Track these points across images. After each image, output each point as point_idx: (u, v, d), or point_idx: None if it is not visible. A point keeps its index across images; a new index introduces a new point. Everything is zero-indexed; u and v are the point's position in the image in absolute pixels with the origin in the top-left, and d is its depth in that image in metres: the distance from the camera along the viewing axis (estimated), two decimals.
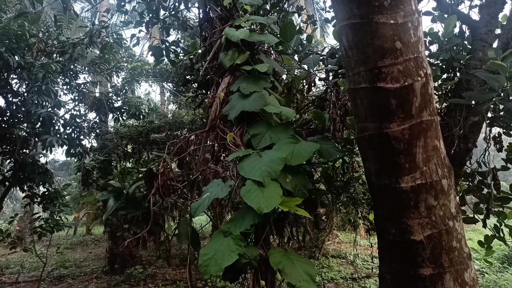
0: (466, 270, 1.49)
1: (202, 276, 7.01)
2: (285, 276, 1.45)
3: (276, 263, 1.50)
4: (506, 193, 4.90)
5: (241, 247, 1.47)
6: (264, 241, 1.57)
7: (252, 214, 1.56)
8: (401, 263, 1.52)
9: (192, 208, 1.79)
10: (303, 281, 1.47)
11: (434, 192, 1.46)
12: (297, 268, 1.51)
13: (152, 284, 9.41)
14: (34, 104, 6.91)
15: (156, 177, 2.49)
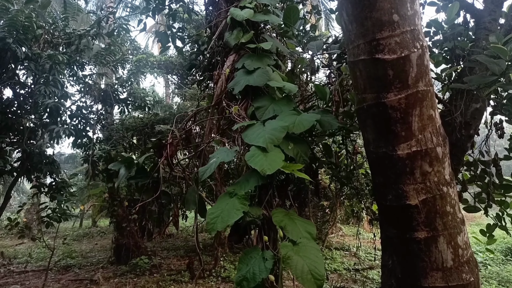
0: (459, 234, 1.55)
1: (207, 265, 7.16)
2: (287, 233, 1.53)
3: (278, 221, 1.57)
4: (508, 180, 4.94)
5: (245, 206, 1.54)
6: (267, 203, 1.65)
7: (256, 176, 1.64)
8: (397, 228, 1.58)
9: (200, 171, 1.87)
10: (304, 238, 1.54)
11: (429, 159, 1.52)
12: (298, 227, 1.58)
13: (158, 274, 9.55)
14: (41, 95, 7.01)
15: (165, 147, 2.58)
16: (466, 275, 1.53)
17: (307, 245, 1.53)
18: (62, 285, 8.68)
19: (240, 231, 1.69)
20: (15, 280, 9.21)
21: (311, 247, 1.53)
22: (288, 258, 1.46)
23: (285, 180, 1.83)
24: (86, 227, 18.17)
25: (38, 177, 8.14)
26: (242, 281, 1.46)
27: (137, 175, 2.92)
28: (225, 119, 2.51)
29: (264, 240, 1.55)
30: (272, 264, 1.48)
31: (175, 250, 12.04)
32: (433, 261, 1.51)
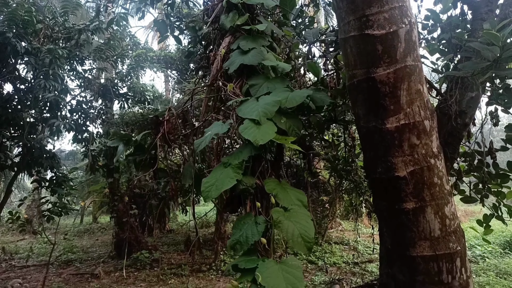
0: (446, 204, 1.59)
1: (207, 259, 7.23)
2: (279, 201, 1.58)
3: (270, 189, 1.62)
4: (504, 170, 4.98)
5: (239, 174, 1.59)
6: (260, 174, 1.69)
7: (249, 148, 1.69)
8: (387, 199, 1.63)
9: (195, 143, 1.91)
10: (295, 205, 1.59)
11: (417, 132, 1.56)
12: (290, 195, 1.63)
13: (158, 268, 9.60)
14: (41, 89, 7.05)
15: (162, 124, 2.63)
16: (453, 244, 1.57)
17: (298, 212, 1.57)
18: (63, 279, 8.74)
19: (235, 201, 1.74)
20: (16, 275, 9.28)
21: (302, 213, 1.57)
22: (280, 222, 1.51)
23: (278, 155, 1.88)
24: (86, 223, 18.24)
25: (38, 172, 8.19)
26: (235, 244, 1.51)
27: (135, 152, 2.98)
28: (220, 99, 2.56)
29: (257, 207, 1.60)
30: (264, 228, 1.53)
31: (175, 245, 12.10)
32: (421, 231, 1.56)
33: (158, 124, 2.69)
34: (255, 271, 1.45)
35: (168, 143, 2.71)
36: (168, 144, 2.73)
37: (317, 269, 9.30)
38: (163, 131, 2.60)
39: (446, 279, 1.56)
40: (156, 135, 2.70)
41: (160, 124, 2.68)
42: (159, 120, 2.74)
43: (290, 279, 1.43)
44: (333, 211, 12.41)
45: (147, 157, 2.80)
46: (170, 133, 2.64)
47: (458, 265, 1.58)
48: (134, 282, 8.49)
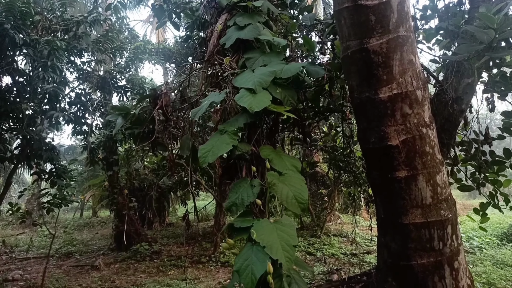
0: (438, 173, 1.62)
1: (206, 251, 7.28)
2: (274, 166, 1.61)
3: (266, 155, 1.66)
4: (500, 156, 5.02)
5: (235, 140, 1.62)
6: (256, 142, 1.72)
7: (245, 115, 1.72)
8: (380, 169, 1.66)
9: (192, 112, 1.94)
10: (289, 170, 1.62)
11: (409, 101, 1.59)
12: (284, 161, 1.66)
13: (158, 260, 9.66)
14: (40, 80, 7.05)
15: (159, 97, 2.67)
16: (444, 212, 1.60)
17: (292, 176, 1.61)
18: (64, 271, 8.80)
19: (231, 170, 1.77)
20: (17, 267, 9.34)
21: (296, 178, 1.61)
22: (274, 185, 1.55)
23: (274, 126, 1.91)
24: (86, 217, 18.31)
25: (38, 164, 8.21)
26: (232, 206, 1.55)
27: (134, 125, 3.02)
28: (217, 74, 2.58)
29: (252, 171, 1.63)
30: (259, 190, 1.57)
31: (175, 238, 12.17)
32: (413, 199, 1.59)
33: (156, 98, 2.72)
34: (250, 229, 1.48)
35: (166, 115, 2.74)
36: (165, 116, 2.76)
37: (315, 260, 9.36)
38: (161, 103, 2.64)
39: (437, 246, 1.60)
40: (154, 108, 2.74)
41: (158, 97, 2.71)
42: (157, 94, 2.77)
43: (284, 236, 1.46)
44: (332, 204, 12.46)
45: (145, 130, 2.83)
46: (168, 106, 2.68)
47: (449, 232, 1.61)
48: (134, 273, 8.55)
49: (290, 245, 1.45)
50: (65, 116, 7.72)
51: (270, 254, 1.40)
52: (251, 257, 1.43)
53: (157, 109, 2.66)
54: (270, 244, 1.42)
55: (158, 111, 2.67)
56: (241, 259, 1.46)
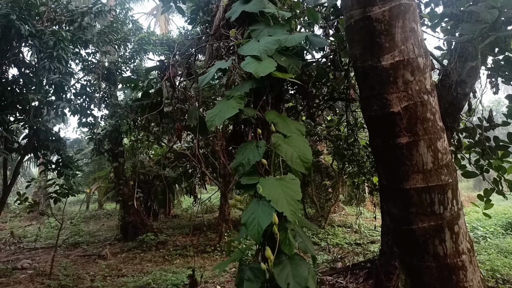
0: (439, 139, 1.66)
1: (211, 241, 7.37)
2: (279, 129, 1.65)
3: (271, 119, 1.70)
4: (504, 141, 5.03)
5: (241, 104, 1.66)
6: (261, 107, 1.76)
7: (251, 82, 1.76)
8: (382, 136, 1.69)
9: (200, 79, 1.98)
10: (294, 133, 1.67)
11: (411, 69, 1.62)
12: (289, 125, 1.71)
13: (164, 249, 9.78)
14: (46, 70, 7.12)
15: (167, 68, 2.72)
16: (445, 177, 1.64)
17: (297, 138, 1.65)
18: (71, 260, 8.93)
19: (237, 136, 1.82)
20: (25, 256, 9.48)
21: (300, 140, 1.65)
22: (279, 145, 1.59)
23: (279, 94, 1.94)
24: (92, 209, 18.50)
25: (45, 155, 8.30)
26: (238, 166, 1.60)
27: (142, 97, 3.08)
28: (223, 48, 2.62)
29: (258, 134, 1.67)
30: (264, 150, 1.61)
31: (180, 229, 12.28)
32: (414, 164, 1.63)
33: (164, 69, 2.77)
34: (257, 185, 1.53)
35: (173, 86, 2.80)
36: (173, 87, 2.81)
37: (320, 249, 9.42)
38: (168, 74, 2.69)
39: (438, 210, 1.63)
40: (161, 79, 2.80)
41: (165, 68, 2.76)
42: (164, 65, 2.82)
43: (288, 192, 1.51)
44: (336, 195, 12.51)
45: (153, 101, 2.89)
46: (175, 77, 2.73)
47: (449, 197, 1.65)
48: (141, 262, 8.66)
49: (295, 200, 1.49)
50: (71, 106, 7.79)
51: (275, 207, 1.45)
52: (257, 211, 1.48)
53: (164, 79, 2.71)
54: (275, 198, 1.47)
55: (165, 82, 2.73)
56: (247, 213, 1.51)
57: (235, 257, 1.64)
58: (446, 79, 4.45)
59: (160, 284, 6.31)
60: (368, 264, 6.81)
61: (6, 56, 7.64)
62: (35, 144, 8.10)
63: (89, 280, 6.94)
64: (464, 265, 1.66)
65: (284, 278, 1.42)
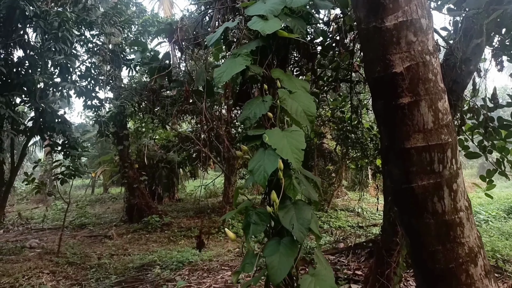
0: (440, 100, 1.69)
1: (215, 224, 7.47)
2: (284, 85, 1.70)
3: (276, 76, 1.75)
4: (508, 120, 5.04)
5: (248, 61, 1.71)
6: (267, 65, 1.80)
7: (257, 40, 1.81)
8: (384, 97, 1.73)
9: (207, 39, 2.02)
10: (298, 90, 1.72)
11: (414, 29, 1.65)
12: (294, 82, 1.76)
13: (169, 231, 9.93)
14: (51, 51, 7.16)
15: (175, 31, 2.76)
16: (445, 136, 1.68)
17: (302, 94, 1.70)
18: (78, 240, 9.10)
19: (244, 95, 1.87)
20: (33, 237, 9.67)
21: (305, 95, 1.70)
22: (285, 99, 1.64)
23: (285, 55, 1.98)
24: (98, 193, 18.73)
25: (51, 136, 8.39)
26: (245, 120, 1.65)
27: (151, 60, 3.13)
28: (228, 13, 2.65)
29: (264, 90, 1.73)
30: (270, 104, 1.67)
31: (184, 211, 12.44)
32: (415, 124, 1.67)
33: (172, 32, 2.82)
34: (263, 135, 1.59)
35: (181, 49, 2.85)
36: (180, 50, 2.86)
37: (322, 232, 9.53)
38: (176, 37, 2.74)
39: (437, 168, 1.68)
40: (170, 42, 2.85)
41: (173, 31, 2.81)
42: (172, 28, 2.86)
43: (293, 142, 1.57)
44: (339, 179, 12.58)
45: (161, 64, 2.95)
46: (183, 40, 2.78)
47: (449, 156, 1.69)
48: (146, 242, 8.82)
49: (299, 149, 1.55)
50: (76, 88, 7.85)
51: (281, 155, 1.51)
52: (263, 159, 1.55)
53: (172, 42, 2.76)
54: (280, 147, 1.53)
55: (173, 45, 2.77)
56: (254, 162, 1.57)
57: (243, 205, 1.70)
58: (451, 58, 4.45)
59: (166, 261, 6.45)
60: (370, 244, 6.90)
61: (11, 37, 7.68)
62: (41, 126, 8.19)
63: (96, 258, 7.10)
64: (462, 222, 1.72)
65: (289, 220, 1.49)
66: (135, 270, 6.12)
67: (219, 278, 5.50)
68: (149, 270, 6.03)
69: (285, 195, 1.58)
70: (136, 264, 6.46)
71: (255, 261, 1.51)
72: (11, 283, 5.44)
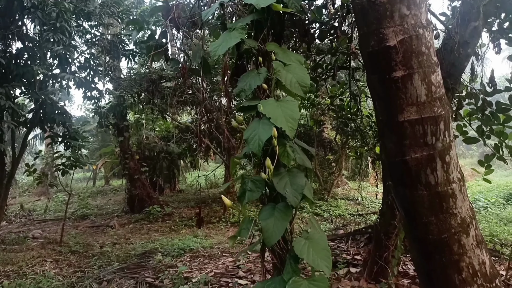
0: (433, 73, 1.72)
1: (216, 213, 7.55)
2: (279, 58, 1.73)
3: (271, 49, 1.77)
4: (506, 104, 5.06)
5: (243, 34, 1.74)
6: (262, 40, 1.83)
7: (252, 14, 1.83)
8: (378, 71, 1.76)
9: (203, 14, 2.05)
10: (293, 62, 1.74)
11: (407, 3, 1.67)
12: (289, 55, 1.79)
13: (170, 221, 10.02)
14: (50, 42, 7.16)
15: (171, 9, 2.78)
16: (438, 109, 1.71)
17: (296, 67, 1.73)
18: (80, 231, 9.19)
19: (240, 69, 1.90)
20: (36, 227, 9.76)
21: (299, 67, 1.73)
22: (279, 71, 1.68)
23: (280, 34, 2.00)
24: (99, 186, 18.82)
25: (51, 128, 8.42)
26: (240, 92, 1.69)
27: (148, 39, 3.17)
28: None
29: (259, 62, 1.75)
30: (265, 76, 1.70)
31: (185, 202, 12.51)
32: (408, 97, 1.70)
33: (168, 9, 2.84)
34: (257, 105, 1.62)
35: (177, 27, 2.87)
36: (177, 28, 2.88)
37: (322, 220, 9.61)
38: (172, 15, 2.76)
39: (430, 141, 1.71)
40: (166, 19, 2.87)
41: (170, 9, 2.83)
42: (169, 6, 2.88)
43: (287, 111, 1.60)
44: (339, 168, 12.63)
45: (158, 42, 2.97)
46: (180, 18, 2.80)
47: (441, 128, 1.73)
48: (148, 232, 8.90)
49: (293, 118, 1.59)
50: (75, 79, 7.86)
51: (275, 123, 1.55)
52: (258, 128, 1.59)
53: (168, 19, 2.78)
54: (275, 116, 1.56)
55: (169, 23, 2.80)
56: (249, 131, 1.61)
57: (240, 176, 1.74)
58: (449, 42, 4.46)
59: (167, 249, 6.52)
60: (369, 230, 6.96)
61: (9, 29, 7.66)
62: (41, 117, 8.21)
63: (98, 246, 7.18)
64: (454, 193, 1.75)
65: (283, 186, 1.54)
66: (137, 257, 6.20)
67: (220, 264, 5.57)
68: (151, 257, 6.11)
69: (279, 163, 1.62)
70: (138, 251, 6.54)
71: (250, 226, 1.56)
72: (15, 270, 5.52)
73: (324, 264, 1.42)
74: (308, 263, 1.41)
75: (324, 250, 1.46)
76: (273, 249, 1.57)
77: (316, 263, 1.41)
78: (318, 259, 1.42)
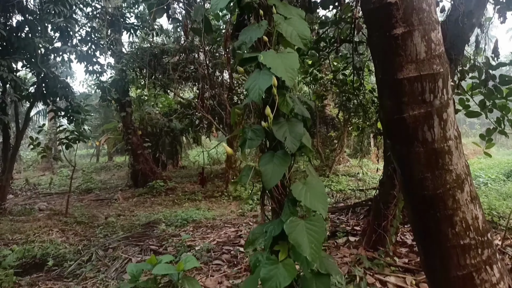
0: (433, 30, 1.73)
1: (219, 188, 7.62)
2: (279, 11, 1.74)
3: (272, 3, 1.78)
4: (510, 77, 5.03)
5: None
6: None
7: None
8: (379, 29, 1.77)
9: None
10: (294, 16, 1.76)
11: None
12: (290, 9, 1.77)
13: (173, 195, 10.16)
14: (50, 14, 7.10)
15: None
16: (436, 66, 1.73)
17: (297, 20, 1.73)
18: (85, 204, 9.35)
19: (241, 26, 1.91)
20: (41, 200, 9.94)
21: (300, 21, 1.74)
22: (280, 24, 1.70)
23: None
24: (103, 162, 19.01)
25: (54, 102, 8.46)
26: (241, 44, 1.71)
27: None
28: None
29: (260, 15, 1.77)
30: (266, 28, 1.71)
31: (188, 177, 12.66)
32: (408, 55, 1.71)
33: None
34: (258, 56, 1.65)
35: None
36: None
37: None
38: None
39: (428, 98, 1.74)
40: None
41: None
42: None
43: (287, 62, 1.63)
44: (341, 145, 12.67)
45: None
46: None
47: (440, 86, 1.75)
48: (151, 205, 9.05)
49: (293, 68, 1.61)
50: (77, 52, 7.83)
51: (275, 73, 1.58)
52: (258, 78, 1.62)
53: None
54: (275, 66, 1.59)
55: None
56: (249, 81, 1.64)
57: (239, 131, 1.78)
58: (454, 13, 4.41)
59: (171, 219, 6.66)
60: (369, 202, 7.07)
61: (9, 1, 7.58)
62: (43, 91, 8.23)
63: (103, 217, 7.34)
64: (451, 150, 1.79)
65: (282, 133, 1.58)
66: (142, 227, 6.34)
67: (222, 233, 5.70)
68: (155, 227, 6.25)
69: (279, 112, 1.66)
70: (142, 222, 6.68)
71: (250, 173, 1.61)
72: (23, 239, 5.67)
73: (321, 206, 1.48)
74: (305, 205, 1.47)
75: (320, 194, 1.52)
76: (272, 194, 1.62)
77: (313, 205, 1.47)
78: (315, 201, 1.48)
